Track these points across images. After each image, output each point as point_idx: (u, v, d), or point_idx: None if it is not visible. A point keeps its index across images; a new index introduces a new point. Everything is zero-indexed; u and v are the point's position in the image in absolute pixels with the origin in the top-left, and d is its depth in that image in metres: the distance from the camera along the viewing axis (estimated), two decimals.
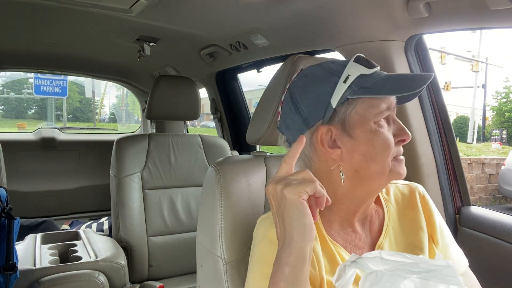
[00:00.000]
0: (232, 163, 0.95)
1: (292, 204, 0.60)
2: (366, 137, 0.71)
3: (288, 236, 0.61)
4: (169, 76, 2.15)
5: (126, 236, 1.79)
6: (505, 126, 18.07)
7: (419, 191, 0.86)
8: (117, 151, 1.85)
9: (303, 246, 0.60)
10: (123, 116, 15.85)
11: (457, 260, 0.83)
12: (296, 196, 0.60)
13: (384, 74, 0.73)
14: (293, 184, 0.61)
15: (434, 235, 0.81)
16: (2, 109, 16.02)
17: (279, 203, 0.62)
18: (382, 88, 0.70)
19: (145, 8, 1.44)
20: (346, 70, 0.72)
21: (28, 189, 2.79)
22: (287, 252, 0.60)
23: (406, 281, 0.54)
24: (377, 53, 1.21)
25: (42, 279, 1.38)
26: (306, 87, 0.76)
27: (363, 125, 0.71)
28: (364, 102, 0.71)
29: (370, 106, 0.71)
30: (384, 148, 0.71)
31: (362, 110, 0.71)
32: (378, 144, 0.70)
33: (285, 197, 0.61)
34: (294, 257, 0.60)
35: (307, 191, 0.61)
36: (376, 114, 0.71)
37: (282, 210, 0.62)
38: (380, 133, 0.71)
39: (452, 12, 1.02)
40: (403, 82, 0.71)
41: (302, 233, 0.60)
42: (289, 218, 0.61)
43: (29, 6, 1.55)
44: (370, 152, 0.71)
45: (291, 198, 0.60)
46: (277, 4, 1.26)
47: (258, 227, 0.77)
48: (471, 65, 16.83)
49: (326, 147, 0.73)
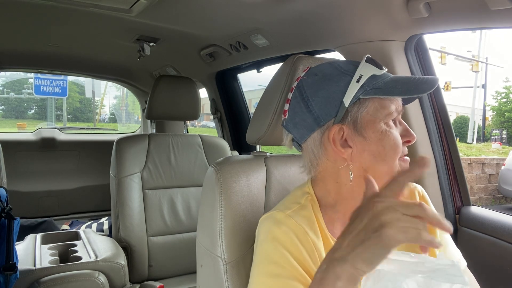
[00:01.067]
0: (232, 163, 0.95)
1: (382, 246, 0.51)
2: (377, 137, 0.72)
3: (351, 257, 0.54)
4: (169, 76, 2.15)
5: (126, 236, 1.79)
6: (505, 126, 18.09)
7: (418, 191, 0.87)
8: (117, 151, 1.85)
9: (360, 273, 0.54)
10: (123, 116, 15.85)
11: (455, 260, 0.83)
12: (392, 243, 0.51)
13: (391, 76, 0.75)
14: (398, 226, 0.51)
15: (434, 235, 0.81)
16: (2, 109, 16.03)
17: (370, 229, 0.53)
18: (394, 89, 0.71)
19: (145, 8, 1.44)
20: (359, 70, 0.73)
21: (28, 189, 2.79)
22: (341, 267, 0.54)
23: (408, 280, 0.54)
24: (377, 53, 1.21)
25: (42, 279, 1.38)
26: (317, 85, 0.75)
27: (374, 125, 0.72)
28: (375, 102, 0.72)
29: (381, 107, 0.72)
30: (394, 148, 0.72)
31: (374, 111, 0.72)
32: (388, 145, 0.72)
33: (381, 234, 0.51)
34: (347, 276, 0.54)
35: (406, 242, 0.51)
36: (386, 115, 0.72)
37: (365, 237, 0.53)
38: (390, 134, 0.72)
39: (452, 12, 1.02)
40: (414, 84, 0.72)
41: (366, 266, 0.53)
42: (366, 249, 0.53)
43: (29, 6, 1.55)
44: (380, 152, 0.71)
45: (385, 242, 0.51)
46: (277, 4, 1.26)
47: (260, 227, 0.77)
48: (471, 65, 16.82)
49: (338, 146, 0.73)
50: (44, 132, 3.01)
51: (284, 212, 0.75)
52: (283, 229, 0.73)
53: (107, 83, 10.17)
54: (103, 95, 16.50)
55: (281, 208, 0.77)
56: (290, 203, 0.78)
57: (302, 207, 0.77)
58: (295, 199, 0.79)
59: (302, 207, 0.77)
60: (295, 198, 0.80)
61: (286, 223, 0.73)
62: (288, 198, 0.81)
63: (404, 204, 0.53)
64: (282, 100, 0.91)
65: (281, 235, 0.72)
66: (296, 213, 0.75)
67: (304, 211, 0.76)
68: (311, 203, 0.77)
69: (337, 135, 0.73)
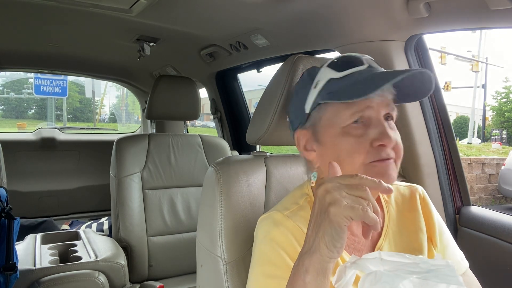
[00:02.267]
0: (232, 163, 0.95)
1: (332, 225, 0.56)
2: (332, 141, 0.72)
3: (315, 245, 0.58)
4: (169, 76, 2.15)
5: (126, 236, 1.79)
6: (505, 126, 18.10)
7: (419, 192, 0.86)
8: (117, 151, 1.85)
9: (327, 260, 0.58)
10: (123, 116, 15.85)
11: (457, 262, 0.83)
12: (340, 220, 0.56)
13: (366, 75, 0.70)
14: (342, 204, 0.56)
15: (433, 237, 0.81)
16: (2, 109, 16.04)
17: (321, 213, 0.59)
18: (342, 93, 0.69)
19: (145, 8, 1.44)
20: (318, 75, 0.75)
21: (28, 189, 2.79)
22: (309, 259, 0.59)
23: (405, 281, 0.54)
24: (377, 53, 1.21)
25: (42, 279, 1.38)
26: (294, 92, 0.82)
27: (330, 129, 0.72)
28: (333, 106, 0.71)
29: (338, 111, 0.71)
30: (349, 153, 0.69)
31: (331, 115, 0.72)
32: (343, 149, 0.70)
33: (328, 214, 0.57)
34: (316, 267, 0.58)
35: (353, 218, 0.55)
36: (343, 119, 0.70)
37: (320, 221, 0.58)
38: (346, 139, 0.70)
39: (452, 12, 1.02)
40: (363, 84, 0.68)
41: (330, 251, 0.57)
42: (323, 232, 0.57)
43: (29, 6, 1.55)
44: (337, 157, 0.70)
45: (333, 220, 0.56)
46: (277, 4, 1.26)
47: (259, 227, 0.77)
48: (471, 65, 16.81)
49: (302, 149, 0.78)
50: (44, 132, 3.01)
51: (282, 212, 0.76)
52: (281, 230, 0.73)
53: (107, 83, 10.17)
54: (103, 95, 16.52)
55: (279, 209, 0.78)
56: (289, 203, 0.79)
57: (301, 208, 0.77)
58: (294, 199, 0.79)
59: (300, 208, 0.77)
60: (294, 198, 0.80)
61: (284, 223, 0.74)
62: (287, 199, 0.82)
63: (346, 183, 0.57)
64: (282, 100, 0.91)
65: (279, 235, 0.72)
66: (295, 214, 0.75)
67: (303, 212, 0.76)
68: (309, 204, 0.78)
69: (301, 139, 0.77)
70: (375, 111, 0.70)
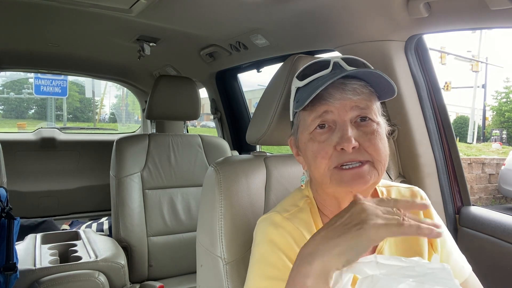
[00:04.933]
0: (232, 163, 0.95)
1: (362, 237, 0.55)
2: (303, 147, 0.75)
3: (328, 247, 0.57)
4: (169, 76, 2.15)
5: (126, 236, 1.79)
6: (505, 126, 18.08)
7: (420, 195, 0.86)
8: (117, 151, 1.85)
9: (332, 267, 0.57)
10: (123, 116, 15.83)
11: (460, 266, 0.82)
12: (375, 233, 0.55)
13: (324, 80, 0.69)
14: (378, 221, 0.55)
15: (434, 241, 0.81)
16: (2, 109, 16.02)
17: (350, 225, 0.57)
18: (301, 101, 0.72)
19: (145, 8, 1.44)
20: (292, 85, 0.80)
21: (28, 189, 2.79)
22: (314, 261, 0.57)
23: (401, 285, 0.54)
24: (377, 53, 1.21)
25: (42, 279, 1.38)
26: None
27: (302, 136, 0.76)
28: (302, 114, 0.75)
29: (304, 118, 0.75)
30: (314, 158, 0.71)
31: (301, 122, 0.76)
32: (309, 154, 0.73)
33: (363, 226, 0.55)
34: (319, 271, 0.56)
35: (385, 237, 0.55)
36: (308, 125, 0.73)
37: (343, 232, 0.57)
38: (311, 144, 0.72)
39: (452, 12, 1.02)
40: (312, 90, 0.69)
41: (341, 259, 0.56)
42: (343, 242, 0.56)
43: (29, 6, 1.55)
44: (308, 162, 0.75)
45: (363, 234, 0.55)
46: (277, 4, 1.26)
47: (258, 228, 0.77)
48: (471, 65, 16.81)
49: (295, 154, 0.82)
50: (44, 132, 3.01)
51: (281, 214, 0.76)
52: (280, 232, 0.73)
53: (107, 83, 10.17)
54: (103, 95, 16.50)
55: (279, 210, 0.78)
56: (289, 205, 0.79)
57: (300, 210, 0.77)
58: (293, 201, 0.79)
59: (300, 210, 0.77)
60: (293, 200, 0.80)
61: (283, 225, 0.74)
62: (287, 200, 0.82)
63: (382, 205, 0.59)
64: (282, 100, 0.91)
65: (277, 237, 0.72)
66: (294, 216, 0.76)
67: (302, 214, 0.76)
68: (309, 206, 0.78)
69: (292, 145, 0.83)
70: (336, 114, 0.70)
